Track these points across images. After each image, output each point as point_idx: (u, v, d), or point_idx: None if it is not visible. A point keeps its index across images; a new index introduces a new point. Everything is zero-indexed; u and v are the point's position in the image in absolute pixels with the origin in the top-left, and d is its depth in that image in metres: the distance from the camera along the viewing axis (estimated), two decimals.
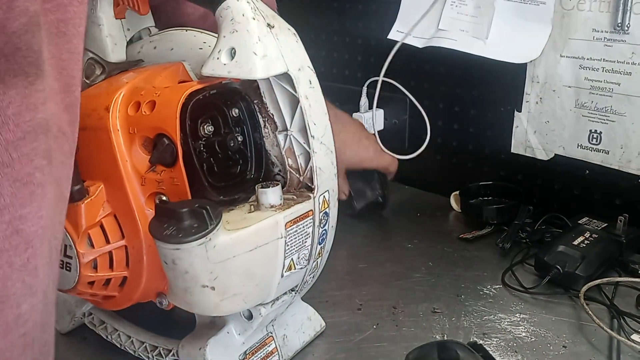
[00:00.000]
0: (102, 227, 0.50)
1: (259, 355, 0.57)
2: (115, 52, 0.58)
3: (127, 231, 0.50)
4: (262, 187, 0.50)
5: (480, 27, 0.85)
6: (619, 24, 0.74)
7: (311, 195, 0.51)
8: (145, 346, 0.59)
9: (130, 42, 0.60)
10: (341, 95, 1.03)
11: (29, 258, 0.33)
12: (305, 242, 0.52)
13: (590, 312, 0.63)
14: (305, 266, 0.53)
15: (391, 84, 1.01)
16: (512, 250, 0.79)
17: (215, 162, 0.51)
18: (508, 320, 0.66)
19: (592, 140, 0.80)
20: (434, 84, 0.97)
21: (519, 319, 0.66)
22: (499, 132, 0.90)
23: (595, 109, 0.79)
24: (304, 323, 0.63)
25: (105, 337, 0.62)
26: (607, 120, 0.78)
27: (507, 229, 0.83)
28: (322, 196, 0.53)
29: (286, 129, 0.52)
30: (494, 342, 0.63)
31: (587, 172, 0.82)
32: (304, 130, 0.51)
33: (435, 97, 0.97)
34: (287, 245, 0.50)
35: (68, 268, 0.50)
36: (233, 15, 0.48)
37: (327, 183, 0.53)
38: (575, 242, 0.73)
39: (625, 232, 0.76)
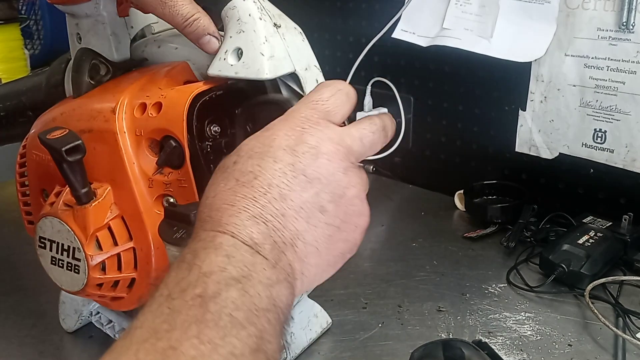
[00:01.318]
0: (110, 229, 0.50)
1: None
2: (119, 51, 0.58)
3: (135, 233, 0.51)
4: None
5: (485, 26, 0.85)
6: (624, 23, 0.74)
7: None
8: None
9: (133, 41, 0.60)
10: None
11: None
12: None
13: (595, 311, 0.63)
14: None
15: (395, 83, 1.01)
16: (516, 249, 0.79)
17: None
18: (513, 318, 0.67)
19: (596, 139, 0.80)
20: (438, 83, 0.97)
21: (524, 318, 0.67)
22: (503, 131, 0.90)
23: (600, 107, 0.79)
24: (311, 320, 0.63)
25: (112, 336, 0.63)
26: (611, 119, 0.78)
27: (511, 228, 0.83)
28: None
29: None
30: (500, 341, 0.63)
31: (592, 171, 0.82)
32: None
33: (440, 96, 0.97)
34: None
35: (76, 270, 0.50)
36: (239, 15, 0.48)
37: None
38: (580, 241, 0.73)
39: (630, 230, 0.76)
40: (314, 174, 0.38)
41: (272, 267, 0.35)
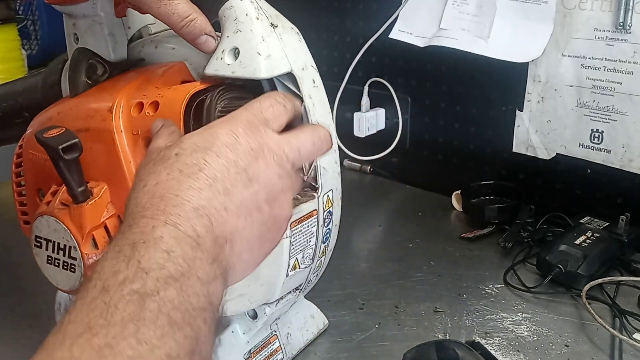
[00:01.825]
0: (106, 228, 0.50)
1: (264, 354, 0.58)
2: (117, 51, 0.58)
3: None
4: None
5: (482, 26, 0.86)
6: (621, 23, 0.74)
7: (315, 194, 0.51)
8: None
9: (130, 41, 0.60)
10: (343, 95, 1.03)
11: None
12: (310, 241, 0.52)
13: (592, 311, 0.63)
14: (310, 265, 0.54)
15: (393, 83, 1.01)
16: (513, 250, 0.80)
17: None
18: (510, 319, 0.67)
19: (593, 140, 0.80)
20: (436, 84, 0.97)
21: (521, 318, 0.67)
22: (501, 131, 0.90)
23: (597, 108, 0.79)
24: (307, 321, 0.63)
25: None
26: (608, 119, 0.78)
27: (508, 229, 0.83)
28: (326, 195, 0.53)
29: None
30: (496, 342, 0.63)
31: (589, 171, 0.82)
32: None
33: (437, 96, 0.97)
34: (292, 245, 0.50)
35: (72, 269, 0.49)
36: (236, 15, 0.48)
37: (331, 182, 0.53)
38: (577, 242, 0.74)
39: (626, 231, 0.76)
40: (253, 174, 0.40)
41: (210, 263, 0.36)
